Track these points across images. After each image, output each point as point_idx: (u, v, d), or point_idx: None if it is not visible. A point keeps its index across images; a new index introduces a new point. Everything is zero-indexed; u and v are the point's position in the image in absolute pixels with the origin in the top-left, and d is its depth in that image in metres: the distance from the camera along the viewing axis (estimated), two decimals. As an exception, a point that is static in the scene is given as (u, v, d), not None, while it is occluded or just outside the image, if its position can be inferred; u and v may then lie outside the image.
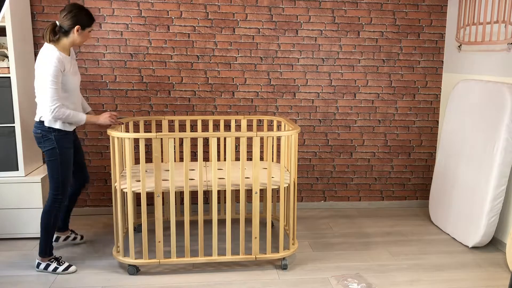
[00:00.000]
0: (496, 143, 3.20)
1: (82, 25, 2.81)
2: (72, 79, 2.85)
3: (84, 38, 2.89)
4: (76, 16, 2.79)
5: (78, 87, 2.94)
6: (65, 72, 2.80)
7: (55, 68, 2.71)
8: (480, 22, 3.60)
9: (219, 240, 3.46)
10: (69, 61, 2.85)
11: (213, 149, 2.83)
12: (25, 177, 3.43)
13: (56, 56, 2.73)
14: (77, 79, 2.93)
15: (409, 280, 2.91)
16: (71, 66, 2.86)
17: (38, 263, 2.98)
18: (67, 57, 2.84)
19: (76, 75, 2.92)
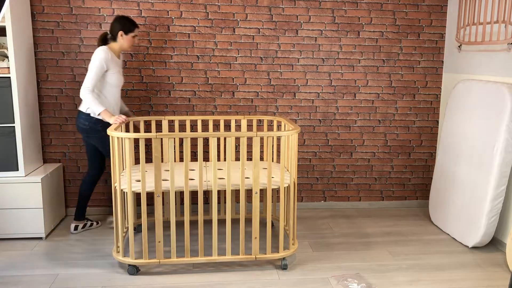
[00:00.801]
0: (496, 143, 3.20)
1: (125, 30, 3.31)
2: (119, 77, 3.35)
3: (129, 43, 3.37)
4: (119, 23, 3.31)
5: (119, 87, 3.40)
6: (111, 71, 3.27)
7: (99, 63, 3.19)
8: (480, 22, 3.60)
9: (219, 240, 3.46)
10: (117, 62, 3.35)
11: (213, 149, 2.83)
12: (25, 177, 3.43)
13: (104, 54, 3.21)
14: (122, 78, 3.41)
15: (409, 280, 2.91)
16: (119, 67, 3.37)
17: (76, 226, 3.60)
18: (116, 59, 3.35)
19: (122, 75, 3.40)
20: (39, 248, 3.34)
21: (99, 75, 3.20)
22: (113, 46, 3.36)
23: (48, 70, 3.80)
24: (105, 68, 3.22)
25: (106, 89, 3.32)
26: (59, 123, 3.88)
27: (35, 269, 3.00)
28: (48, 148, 3.91)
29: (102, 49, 3.23)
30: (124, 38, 3.33)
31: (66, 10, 3.74)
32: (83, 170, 3.97)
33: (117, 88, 3.37)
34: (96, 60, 3.19)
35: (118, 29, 3.30)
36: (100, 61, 3.19)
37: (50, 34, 3.76)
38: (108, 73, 3.27)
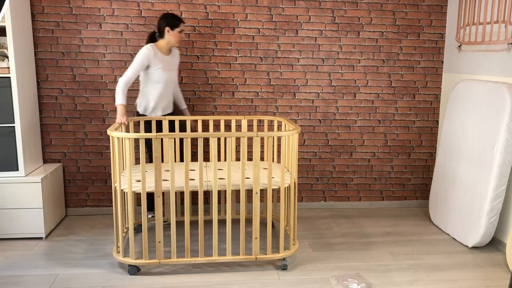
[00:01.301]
0: (496, 143, 3.20)
1: (171, 26, 3.40)
2: (163, 74, 3.43)
3: (176, 38, 3.44)
4: (165, 19, 3.41)
5: (171, 82, 3.52)
6: (153, 68, 3.38)
7: (140, 59, 3.33)
8: (480, 22, 3.60)
9: (219, 241, 3.46)
10: (164, 59, 3.44)
11: (213, 149, 2.83)
12: (25, 177, 3.43)
13: (146, 51, 3.34)
14: (170, 74, 3.49)
15: (409, 280, 2.91)
16: (166, 64, 3.45)
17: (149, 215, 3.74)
18: (163, 56, 3.45)
19: (170, 71, 3.49)
20: (39, 248, 3.34)
21: (138, 70, 3.34)
22: (160, 43, 3.46)
23: (48, 70, 3.80)
24: (146, 64, 3.35)
25: (149, 85, 3.45)
26: (59, 123, 3.88)
27: (35, 269, 3.00)
28: (48, 148, 3.90)
29: (146, 47, 3.37)
30: (171, 33, 3.42)
31: (66, 10, 3.74)
32: (83, 170, 3.97)
33: (161, 84, 3.45)
34: (138, 56, 3.34)
35: (164, 25, 3.41)
36: (141, 57, 3.33)
37: (50, 34, 3.76)
38: (151, 70, 3.39)
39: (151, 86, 3.46)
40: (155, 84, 3.45)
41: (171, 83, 3.53)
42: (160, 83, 3.45)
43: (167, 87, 3.51)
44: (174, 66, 3.56)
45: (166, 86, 3.50)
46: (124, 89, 3.30)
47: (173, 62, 3.54)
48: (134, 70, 3.32)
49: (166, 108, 3.59)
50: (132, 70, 3.32)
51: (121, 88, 3.29)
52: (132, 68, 3.32)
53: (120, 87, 3.29)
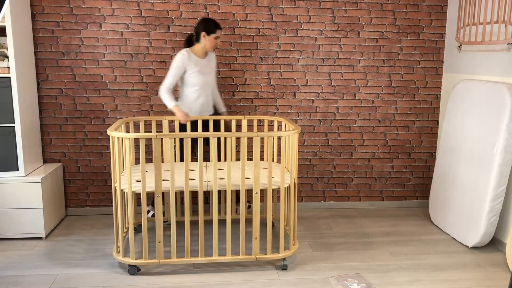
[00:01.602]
0: (496, 143, 3.20)
1: (207, 31, 3.44)
2: (199, 77, 3.48)
3: (212, 43, 3.48)
4: (202, 24, 3.45)
5: (207, 85, 3.56)
6: (189, 71, 3.45)
7: (176, 65, 3.42)
8: (480, 22, 3.60)
9: (219, 241, 3.46)
10: (199, 63, 3.49)
11: (213, 149, 2.83)
12: (25, 177, 3.43)
13: (181, 56, 3.42)
14: (207, 78, 3.53)
15: (409, 280, 2.91)
16: (202, 67, 3.50)
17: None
18: (199, 59, 3.50)
19: (206, 74, 3.53)
20: (39, 248, 3.34)
21: (176, 76, 3.43)
22: (196, 47, 3.51)
23: (48, 70, 3.80)
24: (183, 69, 3.44)
25: (186, 89, 3.52)
26: (59, 123, 3.88)
27: (35, 269, 3.00)
28: (48, 148, 3.91)
29: (181, 52, 3.44)
30: (207, 38, 3.46)
31: (66, 10, 3.74)
32: (83, 170, 3.97)
33: (198, 88, 3.51)
34: (174, 62, 3.42)
35: (201, 30, 3.45)
36: (177, 63, 3.41)
37: (50, 34, 3.76)
38: (187, 74, 3.46)
39: (188, 89, 3.52)
40: (192, 87, 3.50)
41: (208, 86, 3.57)
42: (196, 86, 3.50)
43: (204, 90, 3.55)
44: (211, 69, 3.60)
45: (203, 89, 3.54)
46: (169, 94, 3.41)
47: (209, 65, 3.58)
48: (172, 76, 3.42)
49: (204, 111, 3.63)
50: (170, 77, 3.42)
51: (165, 94, 3.41)
52: (170, 75, 3.42)
53: (164, 94, 3.42)
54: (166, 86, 3.42)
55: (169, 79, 3.43)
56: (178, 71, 3.43)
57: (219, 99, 3.79)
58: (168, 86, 3.42)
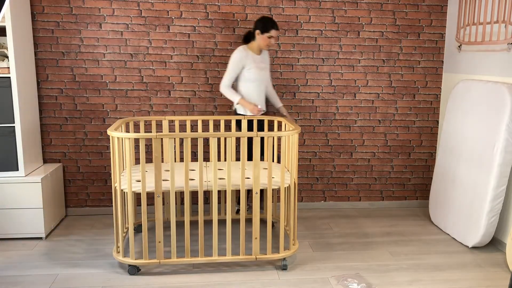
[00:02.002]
0: (496, 143, 3.20)
1: (261, 30, 3.48)
2: (257, 72, 3.53)
3: (265, 42, 3.51)
4: (259, 22, 3.49)
5: (264, 81, 3.61)
6: (247, 68, 3.50)
7: (234, 62, 3.48)
8: (480, 22, 3.60)
9: (219, 241, 3.46)
10: (256, 59, 3.55)
11: (213, 149, 2.83)
12: (25, 177, 3.43)
13: (238, 53, 3.49)
14: (263, 73, 3.59)
15: (409, 280, 2.91)
16: (258, 63, 3.55)
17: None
18: (255, 55, 3.56)
19: (262, 70, 3.58)
20: (39, 248, 3.34)
21: (235, 72, 3.50)
22: (252, 43, 3.58)
23: (48, 70, 3.80)
24: (240, 66, 3.49)
25: (244, 85, 3.56)
26: (59, 123, 3.88)
27: (35, 269, 3.00)
28: (48, 148, 3.91)
29: (238, 49, 3.52)
30: (260, 37, 3.50)
31: (66, 10, 3.74)
32: (83, 170, 3.97)
33: (255, 83, 3.55)
34: (232, 59, 3.50)
35: (256, 27, 3.50)
36: (235, 60, 3.48)
37: (50, 34, 3.76)
38: (245, 70, 3.51)
39: (246, 85, 3.56)
40: (250, 83, 3.54)
41: (264, 82, 3.62)
42: (254, 81, 3.55)
43: (261, 85, 3.60)
44: (266, 65, 3.65)
45: (260, 85, 3.59)
46: (230, 89, 3.50)
47: (264, 61, 3.64)
48: (231, 73, 3.50)
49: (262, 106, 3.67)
50: (229, 73, 3.50)
51: (227, 91, 3.50)
52: (229, 72, 3.49)
53: (226, 91, 3.50)
54: (226, 82, 3.50)
55: (229, 75, 3.50)
56: (236, 68, 3.49)
57: (274, 94, 3.83)
58: (228, 84, 3.51)
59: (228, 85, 3.51)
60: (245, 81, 3.54)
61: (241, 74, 3.53)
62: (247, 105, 3.50)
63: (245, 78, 3.53)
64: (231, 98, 3.51)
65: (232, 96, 3.50)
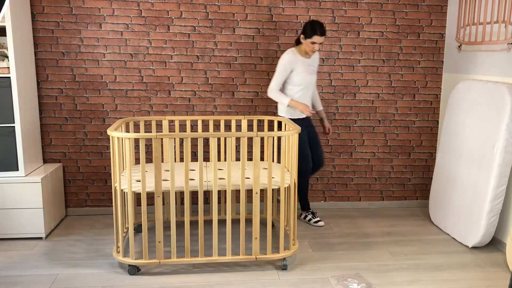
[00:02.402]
0: (496, 143, 3.20)
1: (305, 34, 3.42)
2: (304, 77, 3.50)
3: (308, 47, 3.44)
4: (304, 27, 3.43)
5: (310, 85, 3.57)
6: (295, 71, 3.47)
7: (282, 66, 3.46)
8: (480, 22, 3.60)
9: (219, 241, 3.46)
10: (304, 62, 3.51)
11: (213, 149, 2.83)
12: (25, 177, 3.43)
13: (286, 56, 3.46)
14: (311, 78, 3.55)
15: (409, 280, 2.91)
16: (306, 67, 3.51)
17: (300, 214, 3.94)
18: (303, 59, 3.51)
19: (310, 74, 3.54)
20: (39, 248, 3.34)
21: (284, 76, 3.48)
22: (300, 47, 3.53)
23: (48, 70, 3.80)
24: (289, 70, 3.46)
25: (290, 88, 3.54)
26: (59, 123, 3.88)
27: (35, 269, 3.00)
28: (48, 148, 3.91)
29: (287, 52, 3.48)
30: (304, 42, 3.45)
31: (66, 10, 3.74)
32: (83, 170, 3.97)
33: (302, 87, 3.53)
34: (281, 62, 3.47)
35: (302, 31, 3.46)
36: (284, 63, 3.45)
37: (50, 34, 3.76)
38: (293, 73, 3.48)
39: (292, 89, 3.53)
40: (296, 86, 3.52)
41: (311, 86, 3.59)
42: (301, 85, 3.52)
43: (308, 90, 3.58)
44: (314, 69, 3.61)
45: (308, 89, 3.57)
46: (279, 92, 3.47)
47: (314, 64, 3.60)
48: (279, 76, 3.47)
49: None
50: (277, 77, 3.47)
51: (276, 94, 3.47)
52: (277, 75, 3.47)
53: (275, 94, 3.48)
54: (273, 86, 3.48)
55: (277, 79, 3.47)
56: (285, 72, 3.46)
57: (317, 97, 3.82)
58: (276, 87, 3.48)
59: (276, 89, 3.48)
60: (293, 85, 3.52)
61: (288, 77, 3.51)
62: (298, 106, 3.43)
63: (293, 82, 3.51)
64: (280, 100, 3.47)
65: (281, 99, 3.46)
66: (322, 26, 3.41)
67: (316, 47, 3.44)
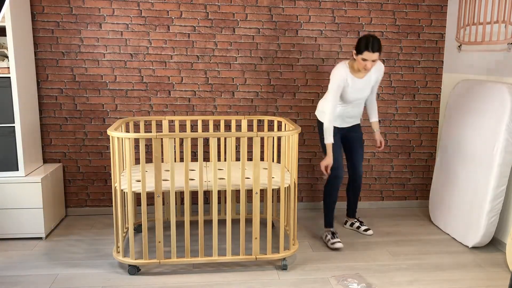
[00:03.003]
0: (496, 143, 3.20)
1: (356, 50, 3.11)
2: (352, 94, 3.23)
3: (358, 64, 3.13)
4: (358, 41, 3.11)
5: (354, 103, 3.30)
6: (347, 87, 3.20)
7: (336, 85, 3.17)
8: (480, 22, 3.60)
9: (219, 241, 3.46)
10: (355, 81, 3.21)
11: (213, 149, 2.83)
12: (25, 177, 3.43)
13: (339, 75, 3.16)
14: (357, 95, 3.26)
15: (409, 280, 2.91)
16: (356, 83, 3.22)
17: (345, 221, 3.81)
18: (354, 77, 3.20)
19: (359, 92, 3.25)
20: (39, 248, 3.34)
21: (339, 93, 3.19)
22: (353, 62, 3.24)
23: (48, 70, 3.80)
24: (342, 87, 3.19)
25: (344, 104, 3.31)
26: (59, 123, 3.88)
27: (35, 269, 3.00)
28: (48, 148, 3.91)
29: (339, 67, 3.19)
30: (356, 58, 3.14)
31: (66, 10, 3.74)
32: (83, 170, 3.97)
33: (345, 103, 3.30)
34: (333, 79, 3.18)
35: (354, 48, 3.16)
36: (336, 82, 3.17)
37: (50, 34, 3.76)
38: (344, 91, 3.22)
39: (341, 104, 3.32)
40: (345, 103, 3.30)
41: (354, 104, 3.33)
42: (344, 102, 3.30)
43: (348, 107, 3.33)
44: (368, 84, 3.28)
45: (347, 107, 3.33)
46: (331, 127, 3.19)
47: (368, 79, 3.28)
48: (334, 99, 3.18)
49: (350, 122, 3.43)
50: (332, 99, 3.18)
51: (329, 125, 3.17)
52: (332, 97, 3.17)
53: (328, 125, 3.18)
54: (331, 113, 3.18)
55: (333, 102, 3.17)
56: (339, 91, 3.18)
57: (374, 108, 3.52)
58: (334, 113, 3.19)
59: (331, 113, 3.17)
60: (342, 100, 3.29)
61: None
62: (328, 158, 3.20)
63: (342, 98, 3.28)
64: (326, 136, 3.19)
65: (326, 132, 3.19)
66: (376, 42, 3.04)
67: (368, 65, 3.08)
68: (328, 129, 3.19)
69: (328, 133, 3.19)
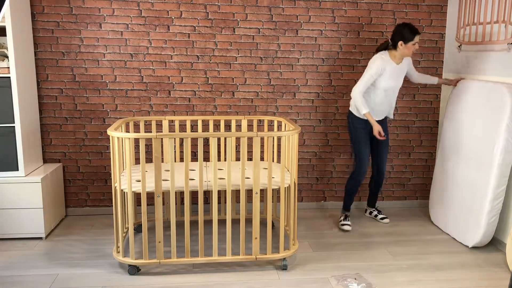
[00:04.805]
0: (496, 143, 3.20)
1: (405, 40, 3.38)
2: (389, 82, 3.47)
3: (410, 50, 3.42)
4: (399, 33, 3.40)
5: (394, 90, 3.55)
6: (383, 76, 3.43)
7: (374, 70, 3.40)
8: (480, 22, 3.60)
9: (219, 241, 3.46)
10: (394, 68, 3.47)
11: (213, 149, 2.83)
12: (25, 177, 3.43)
13: (379, 63, 3.41)
14: (396, 82, 3.51)
15: (409, 280, 2.91)
16: (394, 72, 3.48)
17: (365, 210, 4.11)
18: (395, 65, 3.48)
19: (396, 79, 3.51)
20: (39, 248, 3.34)
21: (371, 80, 3.42)
22: (393, 53, 3.48)
23: (48, 70, 3.80)
24: (379, 73, 3.41)
25: (372, 90, 3.50)
26: (59, 123, 3.88)
27: (35, 269, 3.00)
28: (48, 148, 3.91)
29: (378, 57, 3.44)
30: (404, 47, 3.41)
31: (66, 10, 3.74)
32: (83, 170, 3.97)
33: (385, 92, 3.50)
34: (371, 67, 3.42)
35: (398, 39, 3.41)
36: (376, 67, 3.39)
37: (50, 34, 3.76)
38: (379, 78, 3.44)
39: (373, 92, 3.51)
40: (378, 90, 3.50)
41: (394, 91, 3.56)
42: (384, 90, 3.50)
43: (389, 94, 3.55)
44: (402, 73, 3.57)
45: (388, 94, 3.54)
46: (363, 99, 3.42)
47: (401, 70, 3.55)
48: (367, 82, 3.41)
49: (380, 114, 3.63)
50: (365, 82, 3.41)
51: (360, 98, 3.41)
52: (365, 81, 3.41)
53: (359, 98, 3.41)
54: (361, 89, 3.41)
55: (366, 82, 3.41)
56: (376, 75, 3.41)
57: (425, 77, 3.79)
58: (363, 90, 3.43)
59: (361, 92, 3.42)
60: (375, 88, 3.49)
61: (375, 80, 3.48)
62: (374, 124, 3.45)
63: (376, 85, 3.48)
64: (359, 106, 3.42)
65: (361, 106, 3.41)
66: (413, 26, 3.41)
67: (417, 46, 3.44)
68: (360, 99, 3.41)
69: (361, 104, 3.41)
